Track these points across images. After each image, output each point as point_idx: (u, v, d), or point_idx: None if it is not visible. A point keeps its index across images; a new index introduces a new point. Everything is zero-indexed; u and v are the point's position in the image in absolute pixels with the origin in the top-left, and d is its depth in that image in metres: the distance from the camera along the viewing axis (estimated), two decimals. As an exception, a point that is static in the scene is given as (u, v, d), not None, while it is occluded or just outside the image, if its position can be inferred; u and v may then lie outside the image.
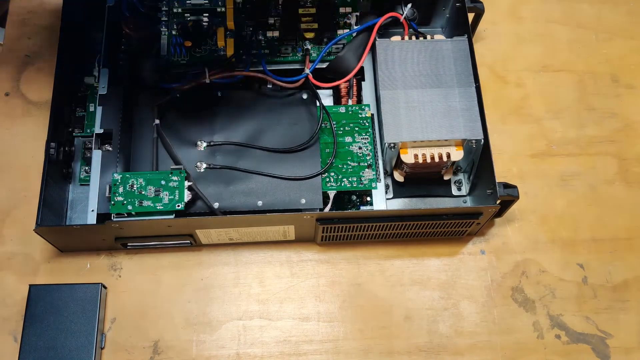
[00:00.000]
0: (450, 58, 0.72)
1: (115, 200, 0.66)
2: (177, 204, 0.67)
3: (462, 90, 0.71)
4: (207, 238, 0.72)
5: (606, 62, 0.88)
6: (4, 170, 0.77)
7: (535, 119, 0.83)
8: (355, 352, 0.71)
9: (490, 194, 0.69)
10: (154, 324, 0.71)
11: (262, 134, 0.73)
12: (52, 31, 0.85)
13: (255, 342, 0.71)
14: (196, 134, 0.72)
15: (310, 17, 0.76)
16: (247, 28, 0.76)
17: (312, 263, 0.75)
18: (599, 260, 0.76)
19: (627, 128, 0.84)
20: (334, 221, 0.68)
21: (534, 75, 0.86)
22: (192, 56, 0.76)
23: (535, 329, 0.73)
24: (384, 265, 0.75)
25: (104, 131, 0.70)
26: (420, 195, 0.77)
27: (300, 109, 0.74)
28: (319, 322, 0.72)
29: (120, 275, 0.73)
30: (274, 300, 0.73)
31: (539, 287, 0.75)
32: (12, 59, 0.84)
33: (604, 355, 0.72)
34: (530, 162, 0.81)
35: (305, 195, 0.70)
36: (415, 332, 0.72)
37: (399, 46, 0.73)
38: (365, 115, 0.74)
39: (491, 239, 0.77)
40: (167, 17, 0.77)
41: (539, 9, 0.91)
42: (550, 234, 0.77)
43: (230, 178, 0.70)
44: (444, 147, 0.69)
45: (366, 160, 0.72)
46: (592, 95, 0.85)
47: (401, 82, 0.71)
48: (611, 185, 0.80)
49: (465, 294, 0.74)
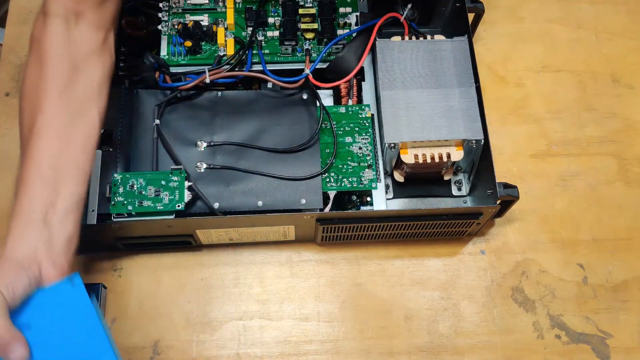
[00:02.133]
0: (450, 58, 0.72)
1: (116, 201, 0.66)
2: (177, 204, 0.67)
3: (462, 90, 0.71)
4: (207, 238, 0.72)
5: (606, 62, 0.88)
6: (4, 170, 0.77)
7: (535, 119, 0.84)
8: (355, 352, 0.71)
9: (490, 194, 0.69)
10: (154, 324, 0.71)
11: (262, 134, 0.73)
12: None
13: (255, 342, 0.71)
14: (196, 134, 0.72)
15: (310, 17, 0.76)
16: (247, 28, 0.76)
17: (312, 263, 0.75)
18: (599, 260, 0.76)
19: (627, 128, 0.84)
20: (334, 221, 0.68)
21: (534, 75, 0.86)
22: (192, 56, 0.76)
23: (535, 329, 0.73)
24: (384, 265, 0.75)
25: (104, 131, 0.70)
26: (420, 196, 0.77)
27: (300, 109, 0.74)
28: (319, 322, 0.72)
29: (120, 275, 0.73)
30: (274, 300, 0.73)
31: (539, 287, 0.75)
32: (12, 59, 0.84)
33: (604, 355, 0.72)
34: (530, 162, 0.81)
35: (305, 195, 0.70)
36: (415, 332, 0.72)
37: (399, 46, 0.73)
38: (365, 115, 0.74)
39: (491, 239, 0.77)
40: (167, 17, 0.77)
41: (539, 9, 0.91)
42: (550, 234, 0.77)
43: (230, 178, 0.70)
44: (444, 147, 0.69)
45: (366, 161, 0.72)
46: (592, 95, 0.85)
47: (401, 82, 0.71)
48: (611, 185, 0.80)
49: (465, 294, 0.74)
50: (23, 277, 0.51)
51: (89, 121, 0.60)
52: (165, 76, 0.73)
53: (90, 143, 0.59)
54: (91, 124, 0.60)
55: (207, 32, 0.76)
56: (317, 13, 0.76)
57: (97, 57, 0.62)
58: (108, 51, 0.64)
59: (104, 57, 0.63)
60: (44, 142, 0.56)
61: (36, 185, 0.55)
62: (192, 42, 0.75)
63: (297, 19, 0.76)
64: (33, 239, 0.53)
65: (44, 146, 0.56)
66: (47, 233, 0.53)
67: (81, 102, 0.59)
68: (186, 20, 0.77)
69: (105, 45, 0.63)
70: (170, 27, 0.77)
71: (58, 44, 0.59)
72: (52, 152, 0.56)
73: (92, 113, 0.60)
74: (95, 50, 0.62)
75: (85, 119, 0.59)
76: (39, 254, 0.53)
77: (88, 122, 0.59)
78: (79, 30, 0.61)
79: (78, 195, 0.57)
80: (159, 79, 0.73)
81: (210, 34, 0.76)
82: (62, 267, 0.54)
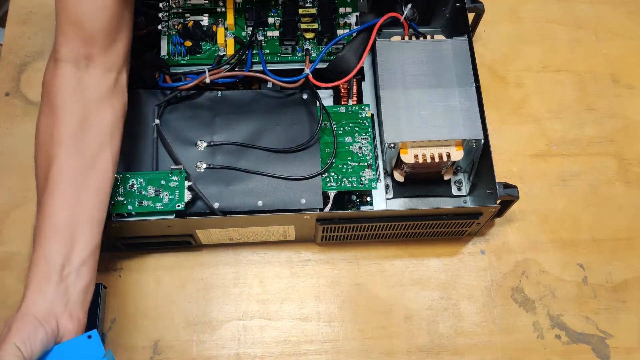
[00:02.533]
0: (450, 58, 0.72)
1: (115, 200, 0.66)
2: (177, 204, 0.67)
3: (462, 90, 0.71)
4: (207, 238, 0.72)
5: (606, 62, 0.88)
6: (4, 170, 0.77)
7: (535, 119, 0.84)
8: (355, 352, 0.71)
9: (490, 194, 0.69)
10: (154, 324, 0.71)
11: (262, 134, 0.73)
12: (52, 31, 0.85)
13: (255, 342, 0.71)
14: (196, 134, 0.72)
15: (310, 17, 0.76)
16: (247, 28, 0.76)
17: (312, 263, 0.75)
18: (599, 260, 0.76)
19: (627, 128, 0.84)
20: (334, 221, 0.68)
21: (534, 75, 0.86)
22: (192, 56, 0.76)
23: (535, 329, 0.73)
24: (384, 265, 0.75)
25: (104, 131, 0.70)
26: (420, 195, 0.76)
27: (300, 109, 0.74)
28: (319, 322, 0.72)
29: (120, 275, 0.73)
30: (274, 300, 0.73)
31: (539, 287, 0.75)
32: (12, 59, 0.84)
33: (604, 355, 0.72)
34: (530, 162, 0.81)
35: (305, 195, 0.70)
36: (415, 332, 0.72)
37: (399, 46, 0.73)
38: (365, 115, 0.74)
39: (491, 239, 0.77)
40: (167, 17, 0.77)
41: (539, 9, 0.91)
42: (550, 234, 0.77)
43: (230, 178, 0.70)
44: (444, 147, 0.69)
45: (366, 160, 0.72)
46: (592, 95, 0.85)
47: (401, 82, 0.71)
48: (611, 185, 0.80)
49: (465, 294, 0.74)
50: (40, 332, 0.52)
51: (102, 167, 0.60)
52: (165, 76, 0.73)
53: (104, 189, 0.60)
54: (105, 169, 0.60)
55: (207, 32, 0.76)
56: (317, 13, 0.76)
57: (108, 100, 0.62)
58: (120, 92, 0.64)
59: (115, 99, 0.63)
60: (58, 195, 0.56)
61: (52, 239, 0.55)
62: (192, 42, 0.75)
63: (297, 19, 0.76)
64: (50, 294, 0.54)
65: (59, 199, 0.56)
66: (64, 287, 0.54)
67: (94, 148, 0.60)
68: (186, 20, 0.77)
69: (116, 87, 0.63)
70: (170, 27, 0.77)
71: (69, 90, 0.59)
72: (67, 204, 0.56)
73: (105, 158, 0.60)
74: (106, 94, 0.62)
75: (98, 166, 0.60)
76: (56, 308, 0.54)
77: (101, 169, 0.60)
78: (88, 75, 0.61)
79: (94, 245, 0.58)
80: (159, 79, 0.73)
81: (210, 34, 0.76)
82: (79, 318, 0.55)
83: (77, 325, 0.55)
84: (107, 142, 0.61)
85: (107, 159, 0.61)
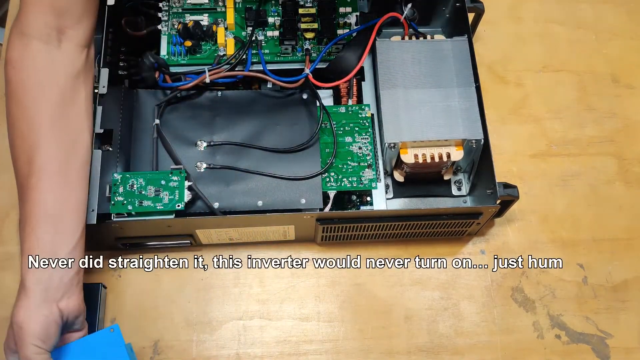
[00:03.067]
0: (450, 58, 0.72)
1: (115, 200, 0.66)
2: (177, 204, 0.67)
3: (462, 90, 0.71)
4: (207, 238, 0.72)
5: (606, 62, 0.88)
6: (4, 170, 0.77)
7: (535, 119, 0.84)
8: (355, 352, 0.71)
9: (490, 194, 0.69)
10: (154, 324, 0.71)
11: (262, 134, 0.73)
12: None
13: (255, 342, 0.71)
14: (196, 134, 0.72)
15: (310, 17, 0.76)
16: (247, 28, 0.76)
17: (312, 263, 0.75)
18: (599, 260, 0.76)
19: (627, 128, 0.84)
20: (334, 221, 0.68)
21: (534, 75, 0.86)
22: (192, 56, 0.76)
23: (535, 329, 0.73)
24: (384, 265, 0.75)
25: (104, 131, 0.70)
26: (420, 195, 0.76)
27: (300, 109, 0.74)
28: (319, 322, 0.72)
29: (120, 275, 0.73)
30: (274, 300, 0.73)
31: (539, 287, 0.75)
32: (12, 59, 0.84)
33: (604, 355, 0.72)
34: (530, 162, 0.81)
35: (305, 195, 0.70)
36: (415, 332, 0.72)
37: (399, 46, 0.73)
38: (365, 115, 0.74)
39: (491, 239, 0.77)
40: (167, 17, 0.77)
41: (539, 9, 0.91)
42: (550, 234, 0.77)
43: (230, 178, 0.70)
44: (444, 147, 0.69)
45: (366, 160, 0.72)
46: (592, 95, 0.85)
47: (401, 82, 0.71)
48: (611, 185, 0.80)
49: (465, 294, 0.74)
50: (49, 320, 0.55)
51: (83, 149, 0.60)
52: (165, 76, 0.73)
53: (86, 171, 0.61)
54: (85, 151, 0.60)
55: (207, 32, 0.76)
56: (317, 13, 0.76)
57: (82, 78, 0.60)
58: (90, 68, 0.62)
59: (88, 76, 0.62)
60: (47, 181, 0.56)
61: (44, 224, 0.56)
62: (192, 42, 0.75)
63: (297, 18, 0.76)
64: (46, 281, 0.55)
65: (47, 184, 0.56)
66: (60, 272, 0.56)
67: (74, 131, 0.59)
68: (186, 20, 0.77)
69: (87, 63, 0.62)
70: (170, 27, 0.77)
71: (42, 70, 0.57)
72: (55, 190, 0.57)
73: (85, 138, 0.60)
74: (80, 72, 0.60)
75: (80, 147, 0.60)
76: (54, 294, 0.56)
77: (82, 150, 0.60)
78: (61, 52, 0.58)
79: (82, 227, 0.59)
80: (159, 78, 0.73)
81: (210, 34, 0.76)
82: (77, 298, 0.58)
83: (77, 304, 0.57)
84: (86, 121, 0.60)
85: (86, 140, 0.60)
